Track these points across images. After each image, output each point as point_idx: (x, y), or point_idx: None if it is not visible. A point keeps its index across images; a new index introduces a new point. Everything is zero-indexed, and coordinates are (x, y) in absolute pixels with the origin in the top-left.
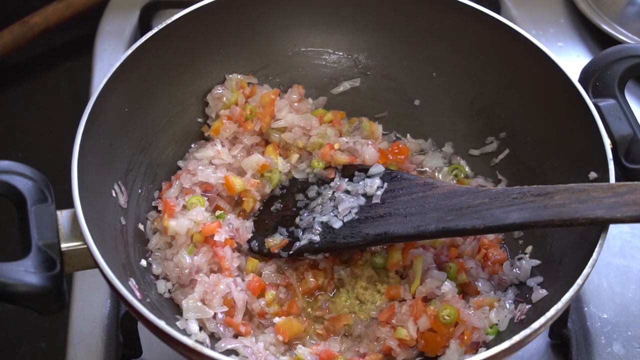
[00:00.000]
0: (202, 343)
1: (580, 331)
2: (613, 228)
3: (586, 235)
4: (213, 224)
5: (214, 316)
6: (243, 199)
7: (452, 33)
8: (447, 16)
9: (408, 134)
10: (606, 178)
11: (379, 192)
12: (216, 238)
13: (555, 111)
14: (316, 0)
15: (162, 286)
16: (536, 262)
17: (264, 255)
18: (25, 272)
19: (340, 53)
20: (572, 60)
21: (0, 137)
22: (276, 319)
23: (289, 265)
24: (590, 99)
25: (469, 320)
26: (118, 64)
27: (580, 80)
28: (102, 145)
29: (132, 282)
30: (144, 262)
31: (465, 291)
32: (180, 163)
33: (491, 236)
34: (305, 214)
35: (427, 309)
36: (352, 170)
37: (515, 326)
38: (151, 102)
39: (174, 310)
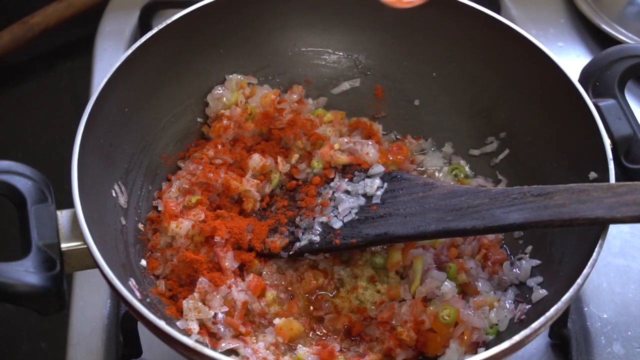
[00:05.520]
0: (202, 343)
1: (580, 331)
2: (613, 228)
3: (586, 235)
4: (213, 224)
5: (214, 316)
6: (243, 199)
7: (452, 33)
8: (447, 16)
9: (408, 134)
10: (606, 178)
11: (379, 192)
12: (216, 238)
13: (555, 111)
14: (316, 0)
15: (162, 286)
16: (536, 262)
17: (264, 255)
18: (25, 272)
19: (340, 53)
20: (572, 60)
21: (0, 137)
22: (276, 320)
23: (289, 266)
24: (590, 99)
25: (469, 321)
26: (118, 64)
27: (580, 80)
28: (102, 145)
29: (132, 282)
30: (144, 262)
31: (465, 291)
32: (180, 163)
33: (491, 236)
34: (305, 214)
35: (427, 309)
36: (352, 170)
37: (515, 326)
38: (151, 102)
39: None
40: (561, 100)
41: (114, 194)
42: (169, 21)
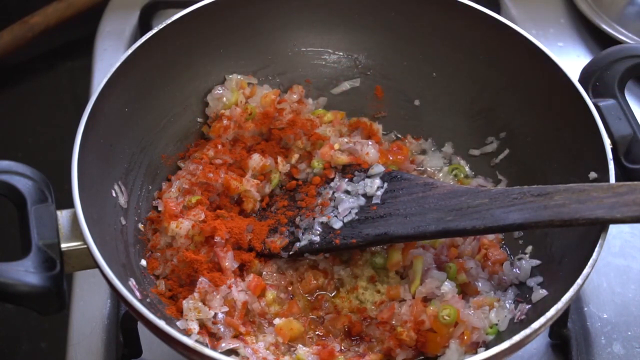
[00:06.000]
0: (202, 343)
1: (580, 331)
2: (613, 228)
3: (586, 235)
4: (213, 224)
5: (214, 316)
6: (243, 199)
7: (452, 33)
8: (447, 16)
9: (408, 134)
10: (606, 178)
11: (379, 192)
12: (216, 238)
13: (555, 111)
14: (316, 0)
15: (162, 286)
16: (536, 262)
17: (264, 255)
18: (25, 272)
19: (340, 53)
20: (572, 60)
21: (0, 137)
22: (276, 320)
23: (289, 266)
24: (590, 99)
25: (469, 320)
26: (118, 64)
27: (580, 80)
28: (102, 145)
29: (132, 282)
30: (144, 262)
31: (465, 291)
32: (180, 163)
33: (491, 236)
34: (305, 214)
35: (427, 309)
36: (352, 170)
37: (515, 326)
38: (151, 102)
39: None
40: (561, 100)
41: (114, 194)
42: (169, 21)
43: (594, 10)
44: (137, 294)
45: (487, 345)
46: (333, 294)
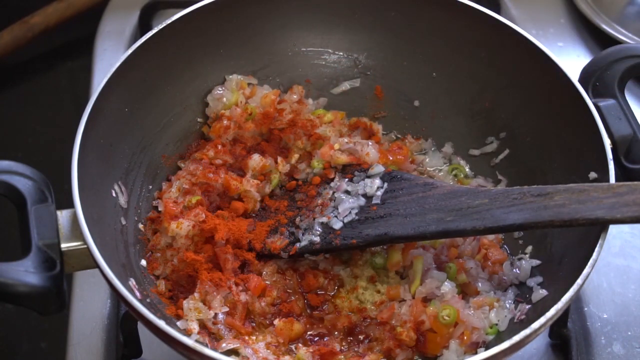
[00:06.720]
0: (202, 343)
1: (580, 331)
2: (613, 228)
3: (586, 235)
4: (213, 224)
5: (215, 316)
6: (243, 199)
7: (452, 33)
8: (447, 16)
9: (408, 134)
10: (606, 178)
11: (379, 193)
12: (216, 238)
13: (555, 111)
14: (316, 0)
15: (162, 286)
16: (536, 262)
17: (265, 255)
18: (25, 272)
19: (340, 53)
20: (572, 60)
21: (0, 137)
22: (276, 320)
23: (289, 266)
24: (590, 99)
25: (469, 321)
26: (118, 64)
27: (580, 80)
28: (102, 145)
29: (132, 282)
30: (144, 262)
31: (465, 291)
32: (180, 163)
33: (491, 236)
34: (305, 215)
35: (427, 309)
36: (352, 170)
37: (515, 326)
38: (151, 102)
39: None
40: (561, 100)
41: (114, 194)
42: (169, 21)
43: (594, 10)
44: (137, 294)
45: (487, 346)
46: (333, 294)
